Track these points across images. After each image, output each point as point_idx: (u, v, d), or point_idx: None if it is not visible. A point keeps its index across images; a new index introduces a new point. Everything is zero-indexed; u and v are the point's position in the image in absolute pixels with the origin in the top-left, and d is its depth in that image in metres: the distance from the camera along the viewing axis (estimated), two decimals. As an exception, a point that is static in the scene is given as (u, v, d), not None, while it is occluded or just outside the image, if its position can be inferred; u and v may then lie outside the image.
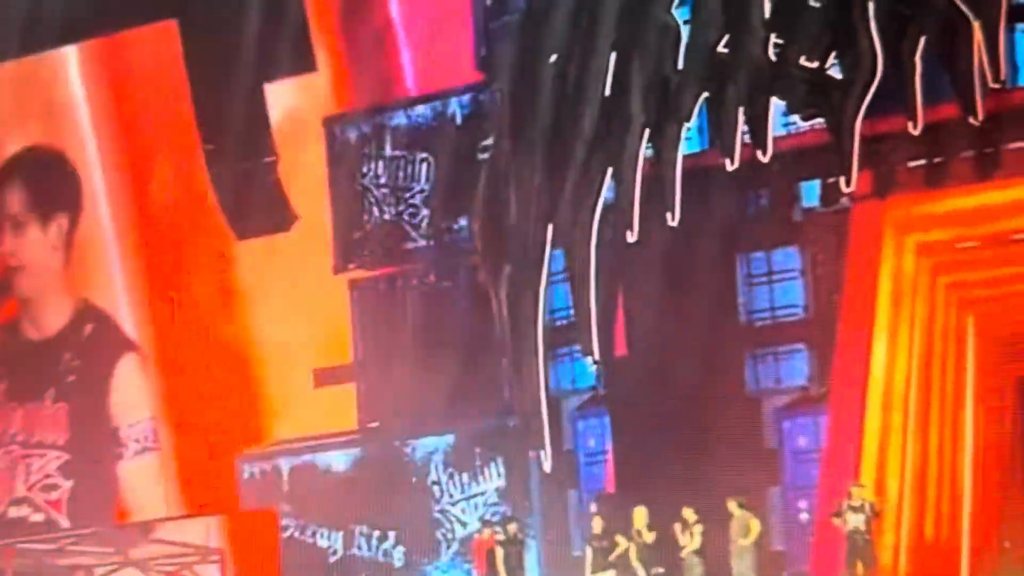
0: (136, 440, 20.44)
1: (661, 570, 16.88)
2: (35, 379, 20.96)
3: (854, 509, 16.22)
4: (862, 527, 16.23)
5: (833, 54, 16.46)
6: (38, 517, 20.74)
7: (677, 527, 16.79)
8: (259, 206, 19.61)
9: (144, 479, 20.36)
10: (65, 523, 20.60)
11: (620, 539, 17.10)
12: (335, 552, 19.29)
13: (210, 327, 20.15)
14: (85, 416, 20.72)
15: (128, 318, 20.83)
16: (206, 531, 19.90)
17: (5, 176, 21.48)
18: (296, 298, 19.72)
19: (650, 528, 16.92)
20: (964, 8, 16.15)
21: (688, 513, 16.78)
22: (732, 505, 16.56)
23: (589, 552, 17.28)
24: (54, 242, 21.09)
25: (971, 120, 16.18)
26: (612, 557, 16.98)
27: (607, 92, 17.46)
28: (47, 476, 20.74)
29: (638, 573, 16.88)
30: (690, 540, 16.71)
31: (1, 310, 21.61)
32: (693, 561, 16.71)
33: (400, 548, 19.08)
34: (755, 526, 16.55)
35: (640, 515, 17.07)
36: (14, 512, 20.93)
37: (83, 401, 20.73)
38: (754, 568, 16.52)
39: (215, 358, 20.12)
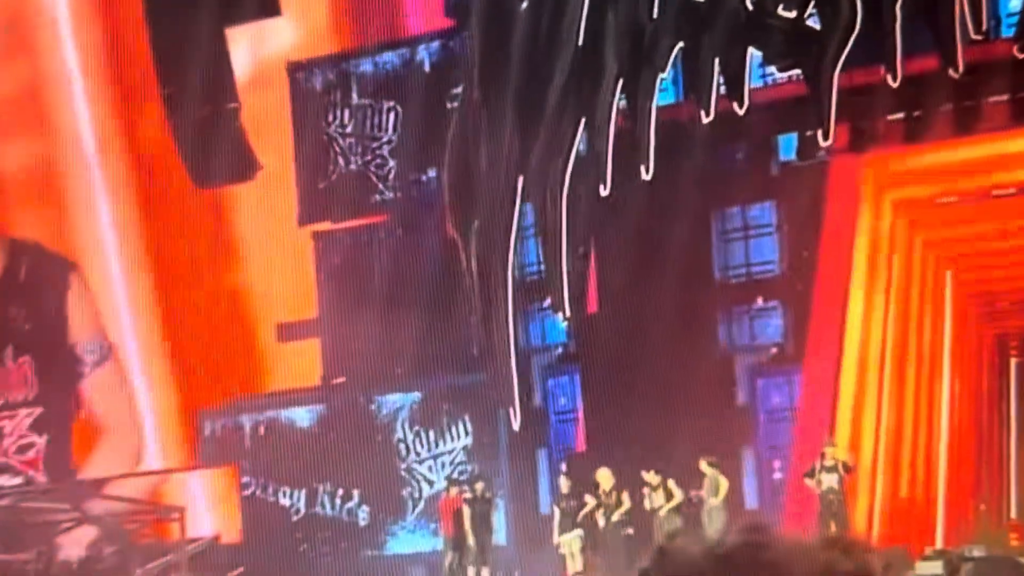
0: (91, 352, 19.91)
1: (631, 531, 16.65)
2: None
3: (827, 469, 16.01)
4: (835, 487, 16.03)
5: (812, 4, 16.07)
6: (16, 480, 20.26)
7: (645, 491, 16.56)
8: (221, 154, 19.09)
9: (107, 389, 19.77)
10: (42, 480, 20.12)
11: (588, 498, 16.92)
12: (298, 511, 18.96)
13: (174, 277, 19.68)
14: (50, 363, 20.17)
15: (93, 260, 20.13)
16: (160, 487, 19.55)
17: None
18: (259, 250, 19.29)
19: (617, 489, 16.69)
20: (946, -42, 15.83)
21: (650, 476, 16.56)
22: (703, 464, 16.35)
23: (557, 512, 17.08)
24: None
25: (951, 73, 15.87)
26: (579, 517, 16.75)
27: (580, 41, 17.06)
28: (21, 436, 20.21)
29: (606, 535, 16.65)
30: (665, 500, 16.54)
31: None
32: (673, 519, 16.46)
33: (365, 507, 18.76)
34: (723, 484, 16.33)
35: (604, 476, 16.81)
36: None
37: (45, 347, 20.11)
38: (725, 527, 16.35)
39: (176, 309, 19.68)
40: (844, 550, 2.82)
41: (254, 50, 19.29)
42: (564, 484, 17.19)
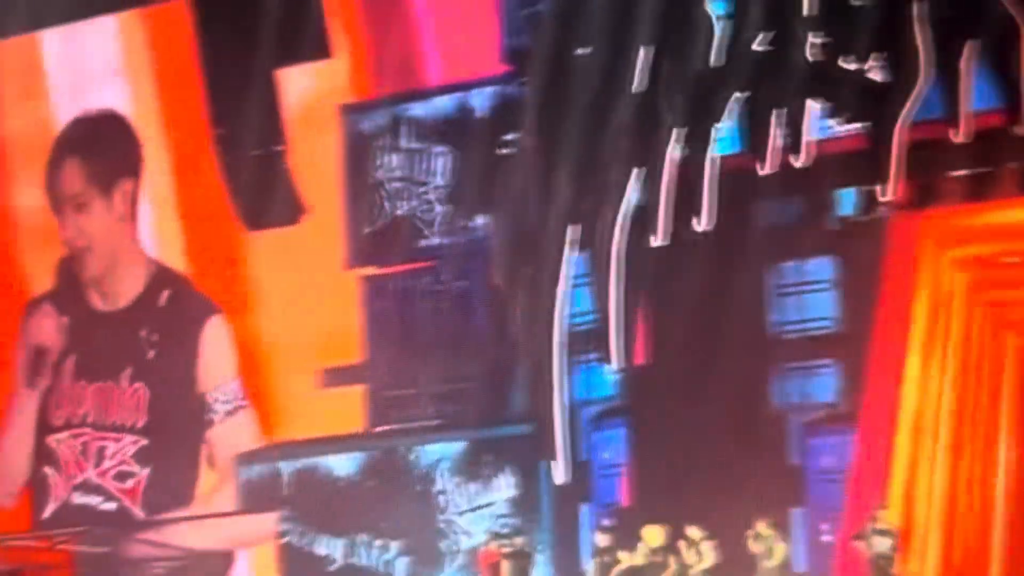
0: (225, 401, 19.77)
1: None
2: (108, 355, 20.03)
3: (880, 533, 15.97)
4: (887, 552, 15.97)
5: (876, 56, 16.21)
6: (110, 506, 20.05)
7: (682, 544, 16.59)
8: (270, 196, 19.28)
9: (239, 438, 19.54)
10: (139, 514, 19.95)
11: (622, 555, 16.95)
12: (334, 561, 18.92)
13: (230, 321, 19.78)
14: (166, 396, 19.90)
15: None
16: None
17: (59, 154, 20.57)
18: (304, 294, 19.39)
19: (666, 549, 16.71)
20: (1015, 13, 15.89)
21: (693, 531, 16.58)
22: (761, 526, 16.32)
23: (592, 567, 17.11)
24: (120, 212, 20.18)
25: (1017, 130, 15.92)
26: (613, 573, 16.87)
27: (637, 88, 17.23)
28: (122, 462, 20.00)
29: None
30: (697, 559, 16.49)
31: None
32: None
33: (403, 559, 18.71)
34: (780, 549, 16.33)
35: (652, 534, 16.86)
36: (80, 499, 20.22)
37: (164, 379, 19.86)
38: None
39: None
40: None
41: (304, 92, 19.50)
42: (601, 539, 17.22)
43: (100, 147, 20.38)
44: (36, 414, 20.30)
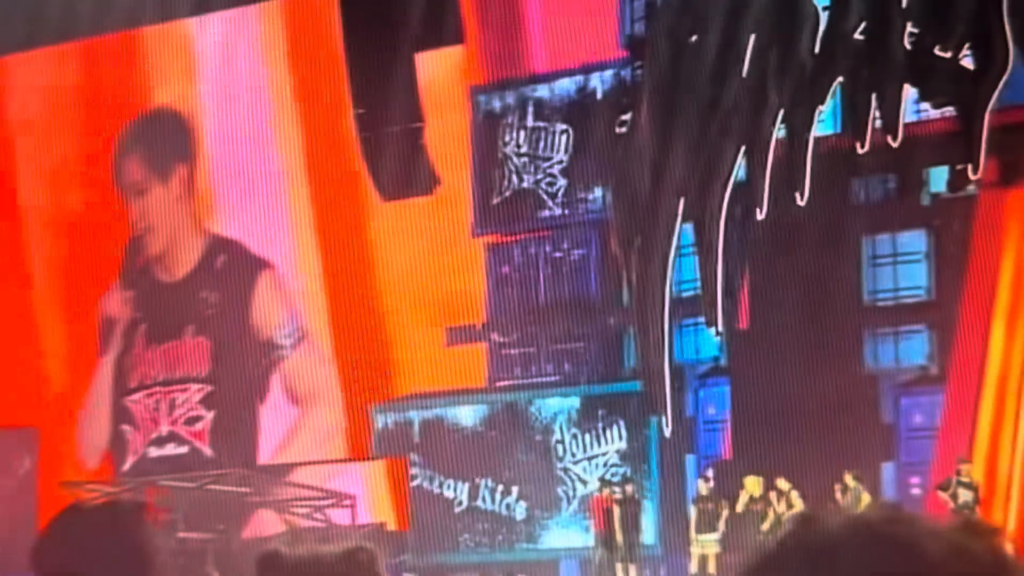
0: (288, 335, 21.35)
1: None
2: (172, 319, 22.02)
3: (963, 485, 16.93)
4: (970, 502, 16.94)
5: (967, 45, 17.23)
6: (182, 449, 22.04)
7: (772, 495, 17.62)
8: (405, 169, 20.75)
9: (311, 363, 21.23)
10: (208, 453, 21.86)
11: (724, 503, 18.04)
12: (460, 503, 20.40)
13: (350, 282, 21.38)
14: (227, 346, 21.75)
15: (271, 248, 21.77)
16: (333, 474, 21.10)
17: (123, 149, 22.62)
18: (435, 258, 20.88)
19: (765, 497, 17.71)
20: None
21: (782, 482, 17.59)
22: (848, 477, 17.33)
23: (694, 512, 18.23)
24: (177, 192, 22.22)
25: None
26: (719, 521, 17.82)
27: (745, 73, 18.40)
28: (190, 409, 21.92)
29: (748, 540, 17.65)
30: (786, 507, 17.43)
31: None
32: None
33: (522, 503, 20.14)
34: (865, 498, 17.27)
35: (753, 483, 17.92)
36: (155, 452, 22.14)
37: (224, 331, 21.73)
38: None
39: (354, 310, 21.37)
40: (977, 533, 2.88)
41: (440, 74, 20.98)
42: (703, 487, 18.41)
43: (158, 139, 22.27)
44: (112, 379, 22.23)
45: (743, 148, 18.62)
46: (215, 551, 19.65)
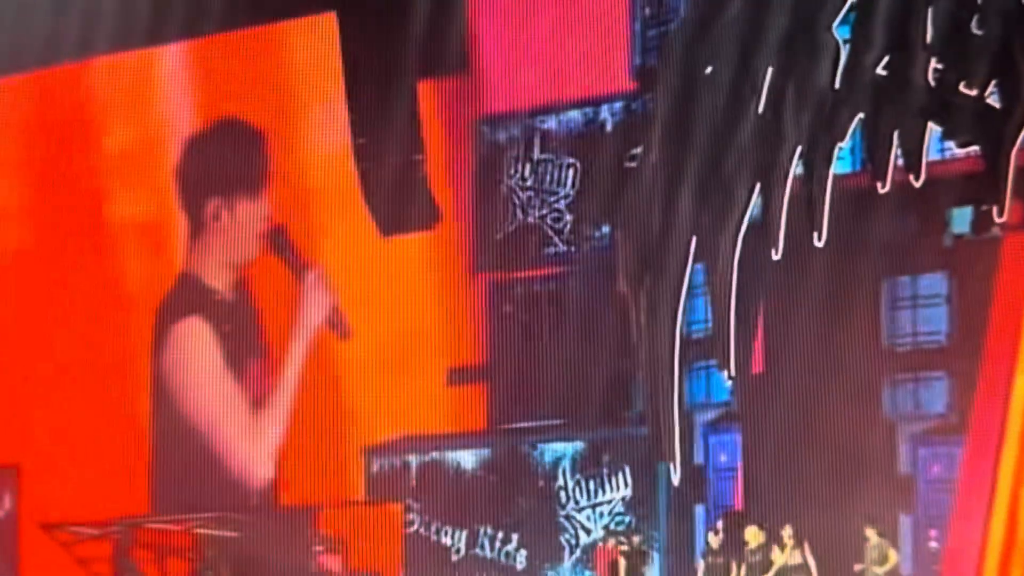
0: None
1: None
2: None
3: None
4: None
5: (993, 83, 17.12)
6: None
7: (787, 546, 17.44)
8: (405, 203, 20.62)
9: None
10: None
11: (733, 557, 17.78)
12: (458, 551, 20.21)
13: (352, 319, 21.23)
14: None
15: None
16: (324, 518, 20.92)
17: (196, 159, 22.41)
18: (435, 295, 20.73)
19: (766, 549, 17.52)
20: None
21: (785, 532, 17.42)
22: (869, 531, 17.19)
23: (702, 565, 18.05)
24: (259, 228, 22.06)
25: None
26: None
27: (761, 107, 18.29)
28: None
29: None
30: (802, 560, 17.32)
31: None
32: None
33: (523, 551, 19.96)
34: (892, 556, 17.13)
35: (752, 534, 17.74)
36: None
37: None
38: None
39: (351, 346, 21.21)
40: None
41: (442, 103, 20.86)
42: (713, 539, 18.19)
43: (232, 162, 22.08)
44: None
45: (758, 185, 18.49)
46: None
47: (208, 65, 22.34)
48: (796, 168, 18.33)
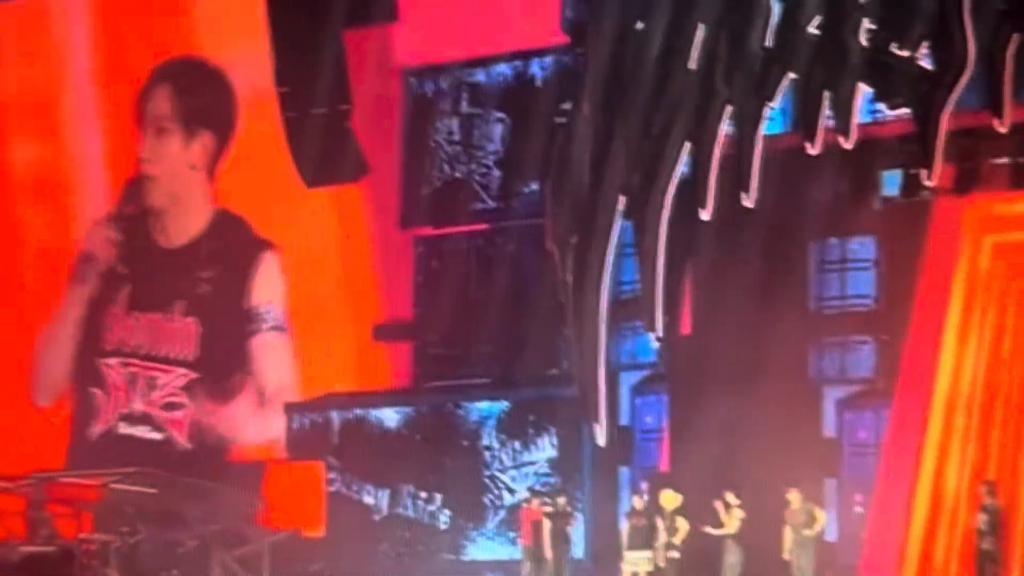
0: (272, 316, 21.18)
1: (676, 555, 17.64)
2: (162, 289, 21.76)
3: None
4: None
5: (925, 44, 17.19)
6: (156, 435, 21.64)
7: (719, 506, 17.54)
8: (331, 154, 20.54)
9: (278, 352, 21.11)
10: (185, 445, 21.45)
11: (659, 521, 17.78)
12: (380, 510, 20.29)
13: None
14: (216, 332, 21.48)
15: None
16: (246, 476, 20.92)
17: (158, 79, 22.20)
18: (361, 250, 20.69)
19: (679, 513, 17.67)
20: (1063, 8, 16.87)
21: (730, 496, 17.49)
22: (793, 495, 17.31)
23: (625, 527, 18.04)
24: (193, 160, 21.85)
25: (1060, 122, 16.92)
26: (657, 543, 17.79)
27: (692, 65, 18.29)
28: (171, 393, 21.61)
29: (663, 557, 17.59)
30: (727, 523, 17.43)
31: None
32: (729, 545, 17.54)
33: (446, 511, 20.06)
34: (820, 516, 17.31)
35: (668, 498, 17.80)
36: (125, 429, 21.82)
37: (216, 315, 21.47)
38: (814, 559, 17.35)
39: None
40: None
41: (370, 54, 20.74)
42: (637, 502, 18.24)
43: (200, 91, 21.82)
44: (81, 315, 21.86)
45: (688, 144, 18.51)
46: (118, 553, 19.47)
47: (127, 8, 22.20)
48: (727, 127, 18.37)
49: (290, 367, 21.02)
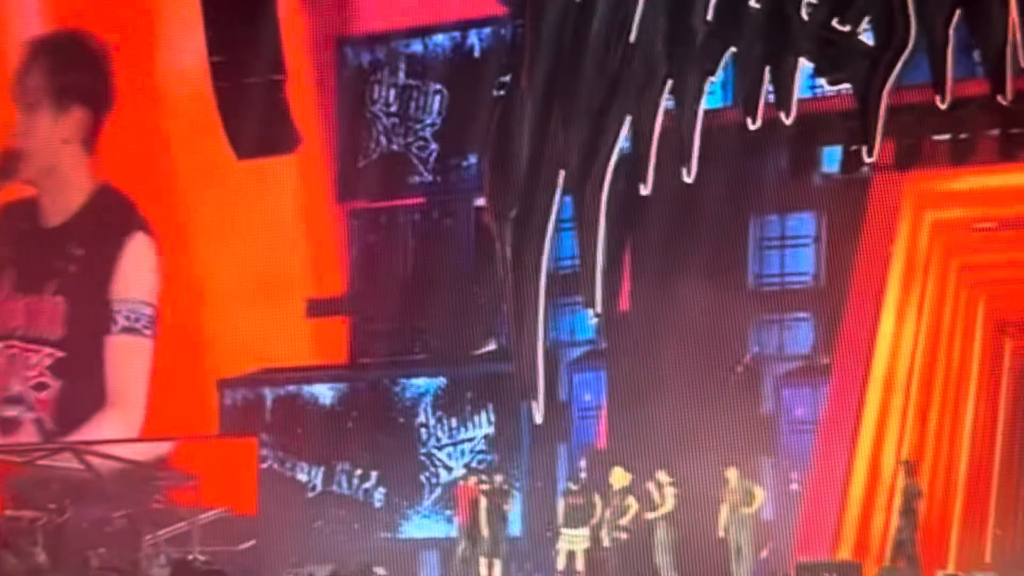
0: (127, 318, 20.99)
1: (624, 536, 17.74)
2: (39, 269, 21.53)
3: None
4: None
5: (866, 19, 17.25)
6: (30, 415, 21.50)
7: (651, 486, 17.64)
8: (263, 126, 20.33)
9: (124, 360, 20.96)
10: (49, 426, 21.41)
11: (597, 498, 17.91)
12: (314, 488, 20.21)
13: (205, 246, 20.96)
14: (82, 313, 21.26)
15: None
16: (176, 454, 20.79)
17: (32, 54, 21.90)
18: (294, 224, 20.55)
19: (628, 491, 17.73)
20: (1004, -16, 16.96)
21: (662, 476, 17.62)
22: (730, 472, 17.41)
23: (562, 505, 18.10)
24: (65, 135, 21.59)
25: (1000, 99, 17.01)
26: (593, 521, 17.86)
27: (632, 38, 18.25)
28: (41, 374, 21.49)
29: (608, 536, 17.66)
30: (661, 503, 17.56)
31: (6, 192, 22.10)
32: (661, 523, 17.63)
33: (382, 489, 20.01)
34: (759, 494, 17.43)
35: (618, 476, 17.95)
36: (9, 411, 21.66)
37: (82, 294, 21.26)
38: (752, 537, 17.46)
39: (207, 274, 20.95)
40: None
41: (303, 21, 20.54)
42: (574, 479, 18.31)
43: (72, 65, 21.62)
44: None
45: (628, 118, 18.48)
46: (44, 530, 19.30)
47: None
48: (667, 101, 18.35)
49: (139, 376, 20.73)
